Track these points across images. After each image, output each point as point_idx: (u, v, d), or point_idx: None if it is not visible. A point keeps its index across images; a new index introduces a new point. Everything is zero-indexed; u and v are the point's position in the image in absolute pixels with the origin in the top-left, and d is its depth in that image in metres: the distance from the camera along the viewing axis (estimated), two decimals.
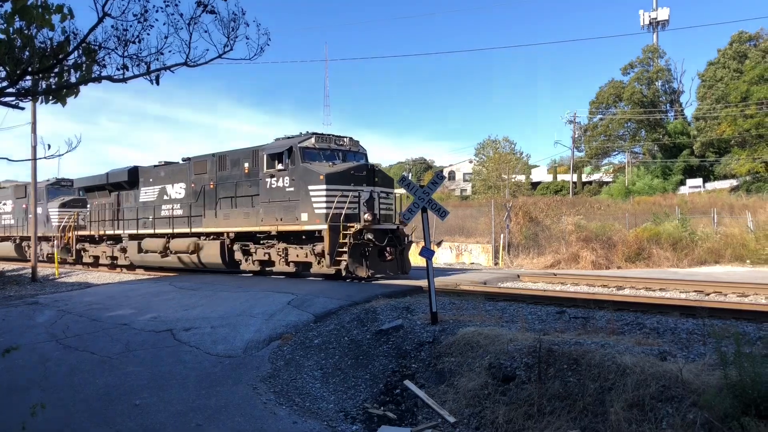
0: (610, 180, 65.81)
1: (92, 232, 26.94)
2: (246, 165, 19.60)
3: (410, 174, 79.00)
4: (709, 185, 51.27)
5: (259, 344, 10.82)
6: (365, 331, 10.94)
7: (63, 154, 6.30)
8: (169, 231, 22.20)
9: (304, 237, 17.87)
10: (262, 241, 19.18)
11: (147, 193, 24.13)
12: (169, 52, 4.81)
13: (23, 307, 15.51)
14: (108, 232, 25.97)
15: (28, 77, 4.69)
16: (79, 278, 24.21)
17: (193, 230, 21.24)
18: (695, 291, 15.43)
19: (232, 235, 19.97)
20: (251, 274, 19.89)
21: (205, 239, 20.76)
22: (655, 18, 60.73)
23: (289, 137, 18.74)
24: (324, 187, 17.01)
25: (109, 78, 4.81)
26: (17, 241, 33.22)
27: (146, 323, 12.56)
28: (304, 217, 17.53)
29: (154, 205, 23.40)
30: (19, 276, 26.39)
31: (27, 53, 4.38)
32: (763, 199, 34.20)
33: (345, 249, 16.47)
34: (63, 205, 30.33)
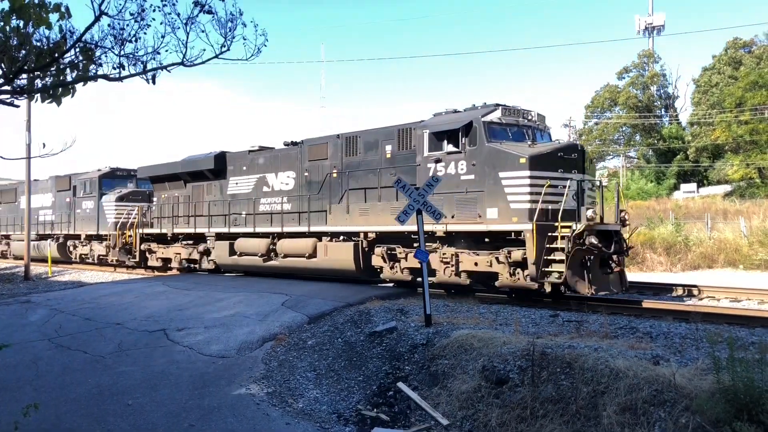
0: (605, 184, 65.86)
1: (163, 231, 23.01)
2: (388, 148, 15.81)
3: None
4: (703, 190, 51.43)
5: (252, 345, 10.80)
6: (359, 332, 10.94)
7: (58, 153, 6.28)
8: (275, 230, 18.28)
9: (487, 240, 13.71)
10: (415, 244, 14.35)
11: (239, 184, 20.20)
12: (166, 51, 4.80)
13: (15, 306, 15.45)
14: (184, 231, 22.04)
15: (24, 75, 4.68)
16: (72, 277, 24.13)
17: (313, 229, 17.10)
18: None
19: (372, 235, 15.85)
20: (392, 285, 16.03)
21: (328, 240, 16.70)
22: (651, 23, 60.98)
23: (458, 111, 14.93)
24: (526, 174, 12.89)
25: (105, 77, 4.80)
26: (60, 240, 29.40)
27: (139, 323, 12.53)
28: (492, 213, 13.39)
29: (250, 198, 19.51)
30: (12, 274, 26.27)
31: (23, 51, 4.37)
32: (757, 205, 34.34)
33: (559, 257, 12.27)
34: (121, 199, 26.07)
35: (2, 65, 4.41)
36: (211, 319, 12.50)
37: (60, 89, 4.61)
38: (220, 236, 20.34)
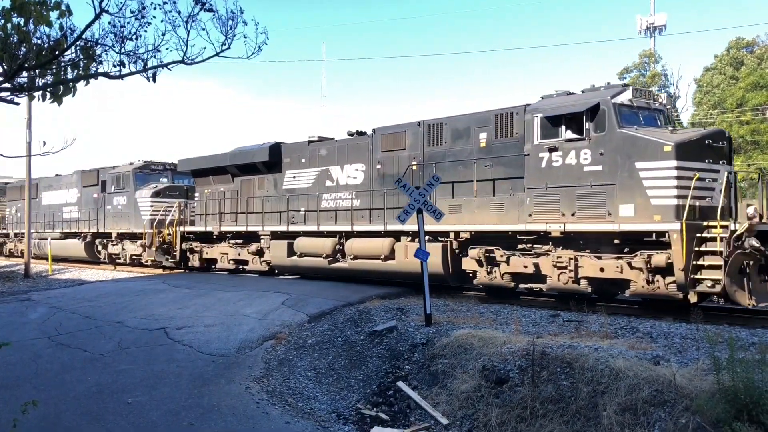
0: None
1: (208, 228, 20.94)
2: (482, 136, 13.86)
3: None
4: None
5: (252, 344, 10.80)
6: (359, 331, 10.94)
7: (58, 151, 6.28)
8: (343, 228, 16.39)
9: (617, 242, 11.89)
10: (520, 246, 13.20)
11: (296, 178, 18.39)
12: (167, 49, 4.78)
13: (15, 304, 15.46)
14: (234, 229, 19.97)
15: (24, 73, 4.67)
16: (72, 275, 24.13)
17: (390, 228, 15.08)
18: None
19: (464, 235, 13.88)
20: (484, 294, 14.62)
21: (409, 240, 14.78)
22: (653, 23, 60.94)
23: (572, 93, 13.30)
24: (672, 164, 11.06)
25: (106, 75, 4.78)
26: (87, 239, 27.15)
27: (139, 321, 12.53)
28: (626, 210, 11.55)
29: (311, 193, 17.76)
30: (12, 272, 26.28)
31: (24, 49, 4.36)
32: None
33: (713, 262, 10.55)
34: (157, 194, 24.04)
35: (2, 63, 4.40)
36: (211, 317, 12.50)
37: (61, 88, 4.60)
38: (276, 235, 18.40)
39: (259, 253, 19.10)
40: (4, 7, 4.21)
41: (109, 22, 4.50)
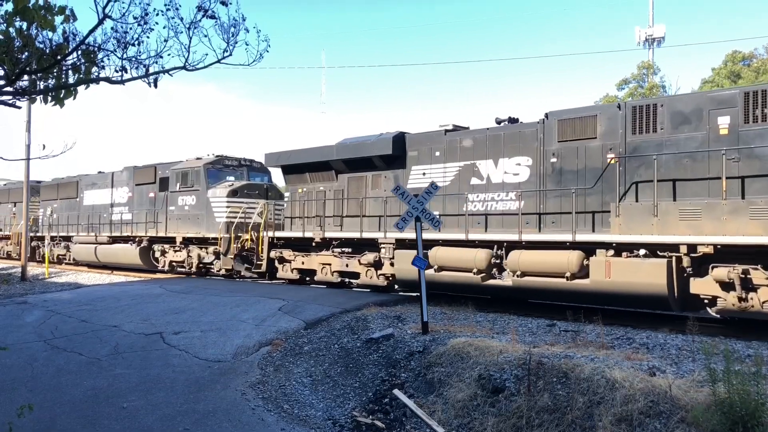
0: None
1: (307, 234, 17.64)
2: (723, 120, 11.15)
3: None
4: None
5: (248, 350, 10.79)
6: (356, 339, 10.93)
7: (58, 155, 6.29)
8: (506, 237, 13.34)
9: None
10: None
11: (427, 175, 15.60)
12: (168, 55, 4.82)
13: (11, 307, 15.42)
14: (341, 235, 16.91)
15: (25, 77, 4.69)
16: (69, 278, 24.09)
17: (581, 238, 12.14)
18: None
19: (705, 249, 10.58)
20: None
21: (610, 254, 11.72)
22: (651, 35, 61.24)
23: None
24: None
25: (107, 80, 4.81)
26: (143, 244, 23.83)
27: (136, 326, 12.51)
28: None
29: (450, 193, 15.08)
30: (9, 275, 26.24)
31: (26, 53, 4.38)
32: None
33: None
34: (234, 193, 20.87)
35: (4, 67, 4.42)
36: (208, 322, 12.48)
37: (62, 91, 4.62)
38: (403, 243, 15.23)
39: (377, 265, 15.90)
40: (6, 11, 4.24)
41: (112, 28, 4.53)
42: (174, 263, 23.12)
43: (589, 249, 12.12)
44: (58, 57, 4.57)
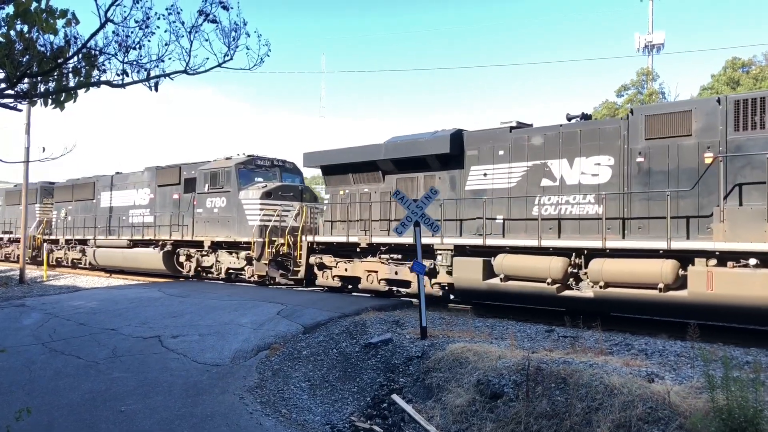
0: None
1: (351, 239, 16.50)
2: None
3: None
4: None
5: (247, 354, 10.78)
6: (354, 343, 10.92)
7: (58, 157, 6.29)
8: (585, 244, 12.31)
9: None
10: None
11: (489, 175, 14.45)
12: (169, 59, 4.83)
13: (9, 309, 15.40)
14: (390, 240, 15.73)
15: (26, 80, 4.70)
16: (67, 281, 24.06)
17: (679, 246, 11.12)
18: None
19: None
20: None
21: (713, 264, 10.76)
22: (651, 41, 61.40)
23: None
24: None
25: (108, 83, 4.82)
26: (166, 248, 22.62)
27: (134, 329, 12.49)
28: None
29: (517, 195, 13.92)
30: (7, 278, 26.21)
31: (27, 56, 4.39)
32: None
33: None
34: (268, 195, 19.76)
35: (5, 69, 4.43)
36: (206, 326, 12.47)
37: (63, 94, 4.63)
38: (462, 250, 14.22)
39: (431, 273, 14.70)
40: (7, 14, 4.25)
41: (114, 32, 4.54)
42: (200, 269, 21.92)
43: (683, 258, 11.07)
44: (59, 60, 4.57)
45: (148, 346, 11.36)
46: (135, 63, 4.74)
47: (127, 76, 4.74)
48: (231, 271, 20.61)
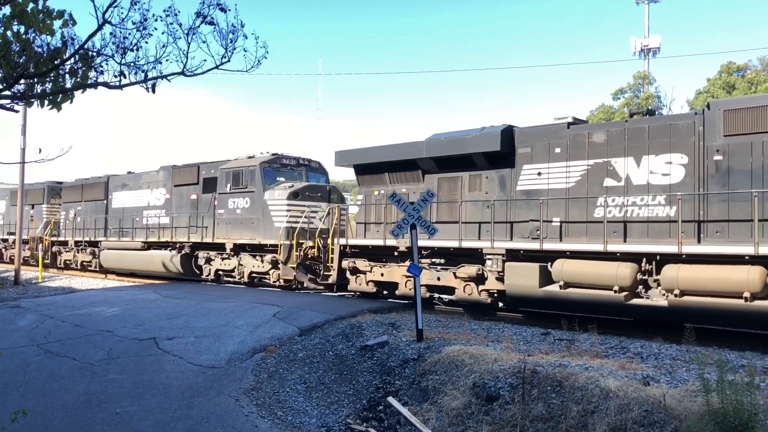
0: None
1: (389, 242, 15.21)
2: None
3: None
4: None
5: (242, 356, 10.76)
6: (350, 346, 10.91)
7: (54, 159, 6.28)
8: (653, 249, 11.49)
9: None
10: None
11: (545, 175, 13.55)
12: (167, 60, 4.82)
13: (4, 311, 15.36)
14: (428, 244, 14.30)
15: (23, 81, 4.70)
16: (63, 283, 23.99)
17: (766, 251, 10.24)
18: None
19: None
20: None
21: None
22: (647, 45, 61.60)
23: None
24: None
25: (106, 84, 4.81)
26: (184, 250, 21.60)
27: (129, 331, 12.46)
28: None
29: (576, 196, 13.02)
30: (2, 279, 26.13)
31: (24, 57, 4.39)
32: None
33: None
34: (295, 195, 18.65)
35: (1, 70, 4.42)
36: (202, 328, 12.45)
37: (60, 95, 4.63)
38: (515, 254, 13.11)
39: (479, 279, 13.74)
40: (4, 15, 4.24)
41: (111, 33, 4.53)
42: (221, 272, 20.95)
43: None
44: (56, 61, 4.57)
45: (143, 347, 11.34)
46: (132, 64, 4.74)
47: (125, 77, 4.73)
48: (254, 275, 19.60)
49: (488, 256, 13.44)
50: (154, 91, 5.02)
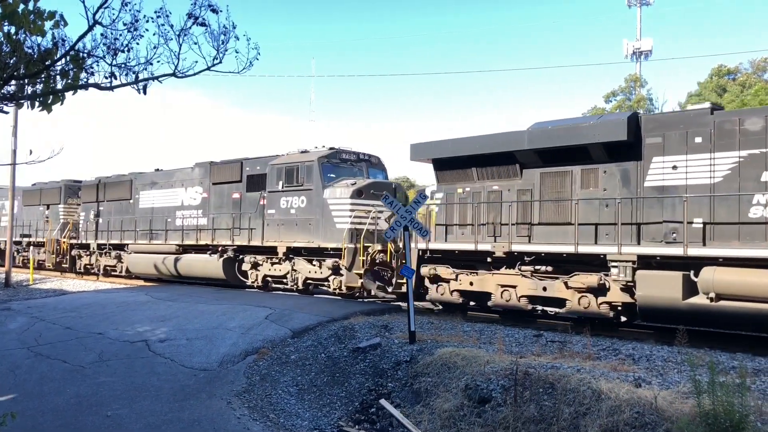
0: None
1: (481, 247, 13.44)
2: None
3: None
4: None
5: (235, 358, 10.73)
6: (343, 348, 10.90)
7: (45, 160, 6.26)
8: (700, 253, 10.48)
9: None
10: None
11: (681, 169, 11.56)
12: (158, 62, 4.80)
13: None
14: (533, 249, 12.72)
15: (13, 82, 4.67)
16: (54, 285, 23.87)
17: None
18: None
19: None
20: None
21: None
22: (639, 48, 61.87)
23: None
24: None
25: (97, 86, 4.79)
26: (227, 254, 19.70)
27: (121, 333, 12.41)
28: None
29: (725, 194, 10.99)
30: None
31: (14, 58, 4.37)
32: None
33: None
34: (359, 194, 16.87)
35: None
36: (194, 330, 12.40)
37: (50, 97, 4.61)
38: (648, 263, 11.29)
39: (597, 290, 11.93)
40: None
41: (102, 34, 4.52)
42: (271, 277, 18.90)
43: None
44: (47, 62, 4.55)
45: (135, 350, 11.29)
46: (123, 66, 4.72)
47: (116, 78, 4.72)
48: (309, 281, 17.81)
49: (614, 264, 11.58)
50: (145, 93, 5.01)
